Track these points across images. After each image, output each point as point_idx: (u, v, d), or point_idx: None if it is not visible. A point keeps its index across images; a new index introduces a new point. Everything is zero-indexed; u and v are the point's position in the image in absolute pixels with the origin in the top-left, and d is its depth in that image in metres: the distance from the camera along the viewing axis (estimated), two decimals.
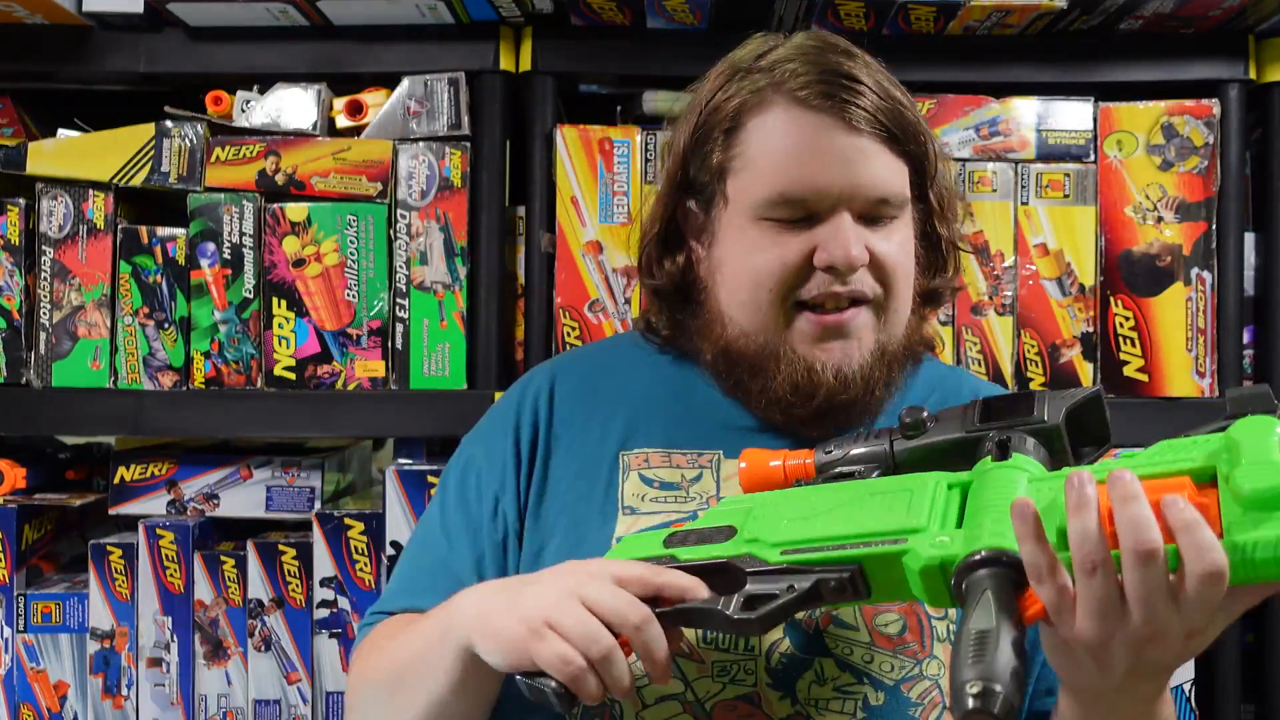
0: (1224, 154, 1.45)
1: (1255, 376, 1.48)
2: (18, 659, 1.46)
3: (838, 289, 1.00)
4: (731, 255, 1.05)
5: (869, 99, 1.01)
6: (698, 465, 1.06)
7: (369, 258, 1.45)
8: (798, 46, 1.05)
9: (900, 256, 1.04)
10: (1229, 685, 1.44)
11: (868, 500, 0.83)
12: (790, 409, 1.03)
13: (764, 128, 1.03)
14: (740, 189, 1.04)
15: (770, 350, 1.03)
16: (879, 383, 1.03)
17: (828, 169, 1.00)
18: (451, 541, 1.09)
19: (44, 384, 1.45)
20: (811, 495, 0.88)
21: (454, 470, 1.14)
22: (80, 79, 1.53)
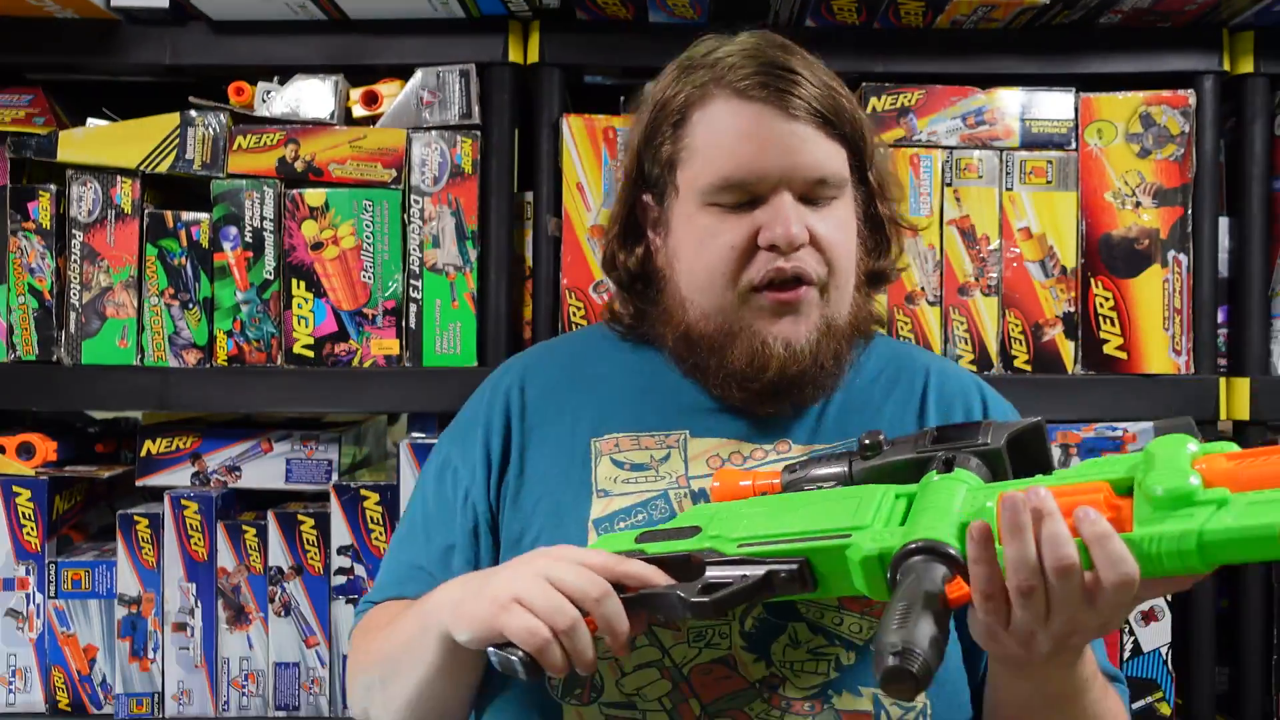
0: (1199, 142, 1.50)
1: (1229, 354, 1.53)
2: (49, 624, 1.51)
3: (782, 264, 1.04)
4: (685, 243, 1.10)
5: (805, 89, 1.06)
6: (665, 445, 1.10)
7: (384, 241, 1.50)
8: (740, 44, 1.11)
9: (840, 236, 1.08)
10: (1204, 649, 1.49)
11: (821, 504, 0.89)
12: (746, 383, 1.07)
13: (707, 119, 1.08)
14: (688, 178, 1.09)
15: (728, 329, 1.08)
16: (827, 357, 1.08)
17: (767, 153, 1.05)
18: (430, 538, 1.14)
19: (74, 361, 1.50)
20: (773, 500, 0.94)
21: (431, 469, 1.19)
22: (108, 70, 1.57)
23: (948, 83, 1.52)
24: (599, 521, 1.07)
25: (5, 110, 1.52)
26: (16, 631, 1.51)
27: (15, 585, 1.50)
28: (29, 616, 1.51)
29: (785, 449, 1.10)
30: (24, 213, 1.50)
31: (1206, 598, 1.49)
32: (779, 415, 1.10)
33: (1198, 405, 1.49)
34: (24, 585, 1.50)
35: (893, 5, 1.45)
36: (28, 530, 1.50)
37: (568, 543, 1.02)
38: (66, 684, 1.51)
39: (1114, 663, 1.47)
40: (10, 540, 1.50)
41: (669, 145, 1.11)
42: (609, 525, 1.06)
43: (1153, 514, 0.72)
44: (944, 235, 1.51)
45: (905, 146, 1.51)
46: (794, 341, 1.06)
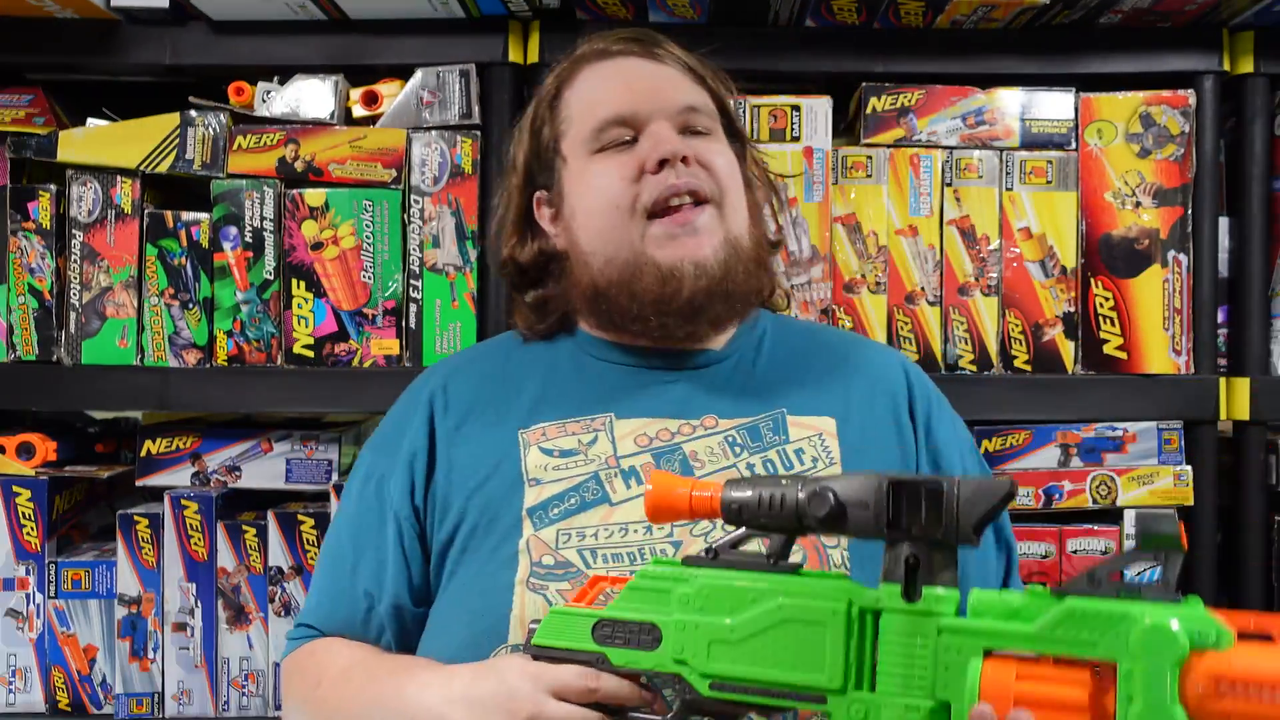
0: (1199, 142, 1.50)
1: (1229, 354, 1.53)
2: (49, 624, 1.51)
3: (674, 181, 1.09)
4: (582, 196, 1.14)
5: (671, 45, 1.17)
6: (592, 429, 1.12)
7: (384, 241, 1.50)
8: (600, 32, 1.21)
9: (723, 160, 1.14)
10: None
11: (783, 634, 0.85)
12: (661, 308, 1.10)
13: (577, 87, 1.17)
14: (571, 141, 1.15)
15: (634, 265, 1.10)
16: (737, 273, 1.11)
17: (635, 89, 1.13)
18: (357, 549, 1.14)
19: (74, 361, 1.50)
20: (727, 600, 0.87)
21: (356, 481, 1.19)
22: (108, 70, 1.57)
23: (948, 83, 1.52)
24: (532, 510, 1.07)
25: (5, 110, 1.53)
26: (16, 631, 1.51)
27: (15, 585, 1.51)
28: (29, 616, 1.51)
29: (713, 424, 1.12)
30: (24, 213, 1.50)
31: (1206, 597, 1.48)
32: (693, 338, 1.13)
33: (1198, 405, 1.49)
34: (24, 585, 1.51)
35: (893, 5, 1.45)
36: (28, 530, 1.50)
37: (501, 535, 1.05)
38: (66, 684, 1.51)
39: None
40: (10, 540, 1.50)
41: (549, 128, 1.17)
42: (543, 512, 1.07)
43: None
44: (944, 235, 1.51)
45: (905, 146, 1.51)
46: (700, 260, 1.09)
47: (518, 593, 1.04)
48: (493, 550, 1.07)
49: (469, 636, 1.04)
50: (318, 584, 1.19)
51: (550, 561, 1.05)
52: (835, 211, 1.51)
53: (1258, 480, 1.50)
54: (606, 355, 1.17)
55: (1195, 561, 1.49)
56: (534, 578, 1.04)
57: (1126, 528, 1.49)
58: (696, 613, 0.88)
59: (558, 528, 1.06)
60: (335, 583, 1.16)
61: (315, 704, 1.09)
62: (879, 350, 1.26)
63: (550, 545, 1.05)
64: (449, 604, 1.09)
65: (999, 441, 1.51)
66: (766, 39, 1.52)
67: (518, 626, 1.02)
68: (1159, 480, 1.49)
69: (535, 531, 1.06)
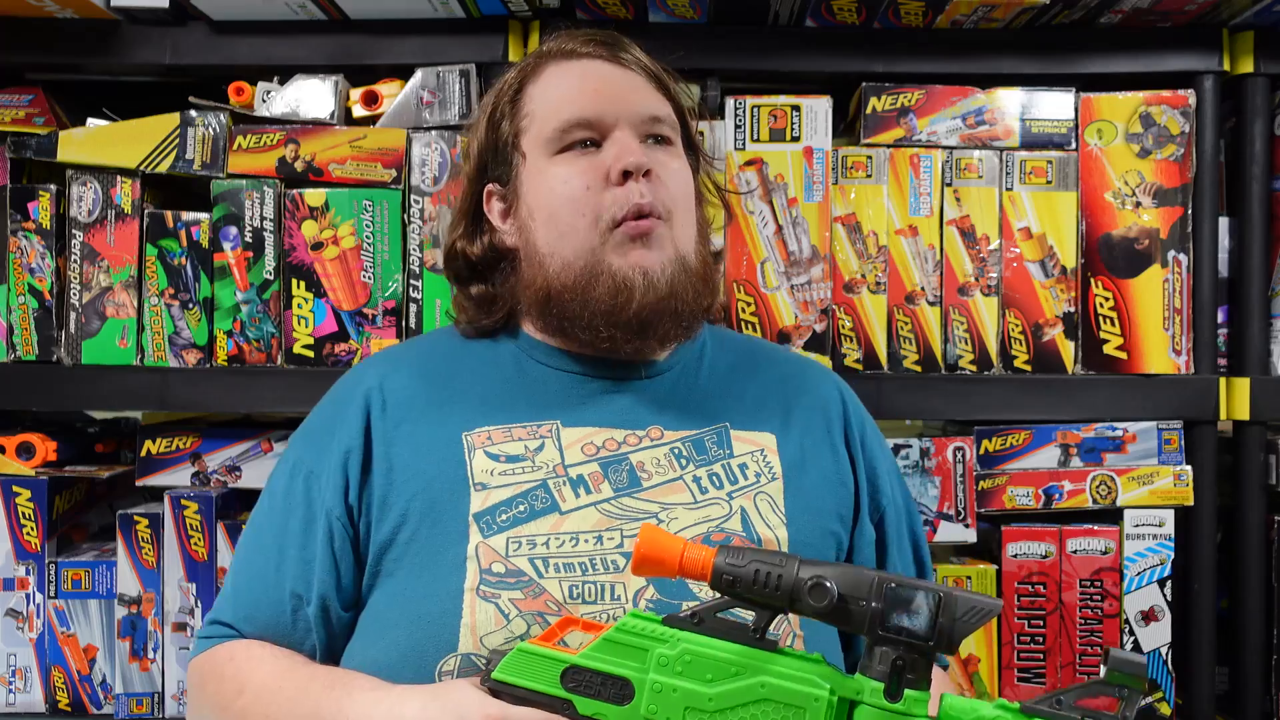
0: (1199, 142, 1.50)
1: (1229, 354, 1.53)
2: (49, 624, 1.51)
3: (639, 201, 1.09)
4: (541, 196, 1.14)
5: (635, 51, 1.17)
6: (538, 435, 1.10)
7: (384, 241, 1.50)
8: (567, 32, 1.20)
9: (681, 175, 1.15)
10: (1203, 649, 1.49)
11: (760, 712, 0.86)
12: (611, 318, 1.09)
13: (542, 83, 1.17)
14: (532, 139, 1.15)
15: (590, 271, 1.10)
16: (685, 292, 1.11)
17: (601, 94, 1.13)
18: (282, 547, 1.11)
19: (74, 361, 1.50)
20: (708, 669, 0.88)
21: (281, 473, 1.15)
22: (108, 70, 1.57)
23: (948, 83, 1.52)
24: (479, 515, 1.06)
25: (5, 110, 1.53)
26: (16, 631, 1.51)
27: (15, 585, 1.51)
28: (29, 616, 1.51)
29: (658, 435, 1.12)
30: (24, 213, 1.50)
31: (1206, 598, 1.49)
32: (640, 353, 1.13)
33: (1198, 405, 1.49)
34: (24, 585, 1.51)
35: (893, 5, 1.45)
36: (28, 530, 1.50)
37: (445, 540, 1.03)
38: (66, 684, 1.51)
39: None
40: (10, 540, 1.50)
41: (509, 122, 1.17)
42: (490, 518, 1.05)
43: None
44: (944, 235, 1.51)
45: (905, 146, 1.52)
46: (650, 269, 1.09)
47: (468, 600, 1.01)
48: (436, 554, 1.04)
49: (412, 642, 1.02)
50: (237, 580, 1.13)
51: (501, 569, 1.03)
52: (835, 211, 1.51)
53: (1258, 480, 1.50)
54: (551, 361, 1.16)
55: (1195, 561, 1.49)
56: (485, 585, 1.02)
57: (1127, 528, 1.49)
58: (675, 677, 0.88)
59: (507, 535, 1.04)
60: (258, 580, 1.11)
61: (235, 715, 1.04)
62: (816, 371, 1.27)
63: (500, 553, 1.03)
64: (387, 607, 1.06)
65: (999, 441, 1.51)
66: (766, 39, 1.52)
67: (468, 635, 1.00)
68: (1159, 480, 1.49)
69: (484, 538, 1.04)
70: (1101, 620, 1.49)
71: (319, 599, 1.08)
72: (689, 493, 1.09)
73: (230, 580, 1.15)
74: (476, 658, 1.00)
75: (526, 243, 1.15)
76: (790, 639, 1.03)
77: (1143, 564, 1.49)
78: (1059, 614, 1.49)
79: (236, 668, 1.08)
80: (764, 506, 1.09)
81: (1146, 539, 1.49)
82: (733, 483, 1.10)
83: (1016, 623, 1.48)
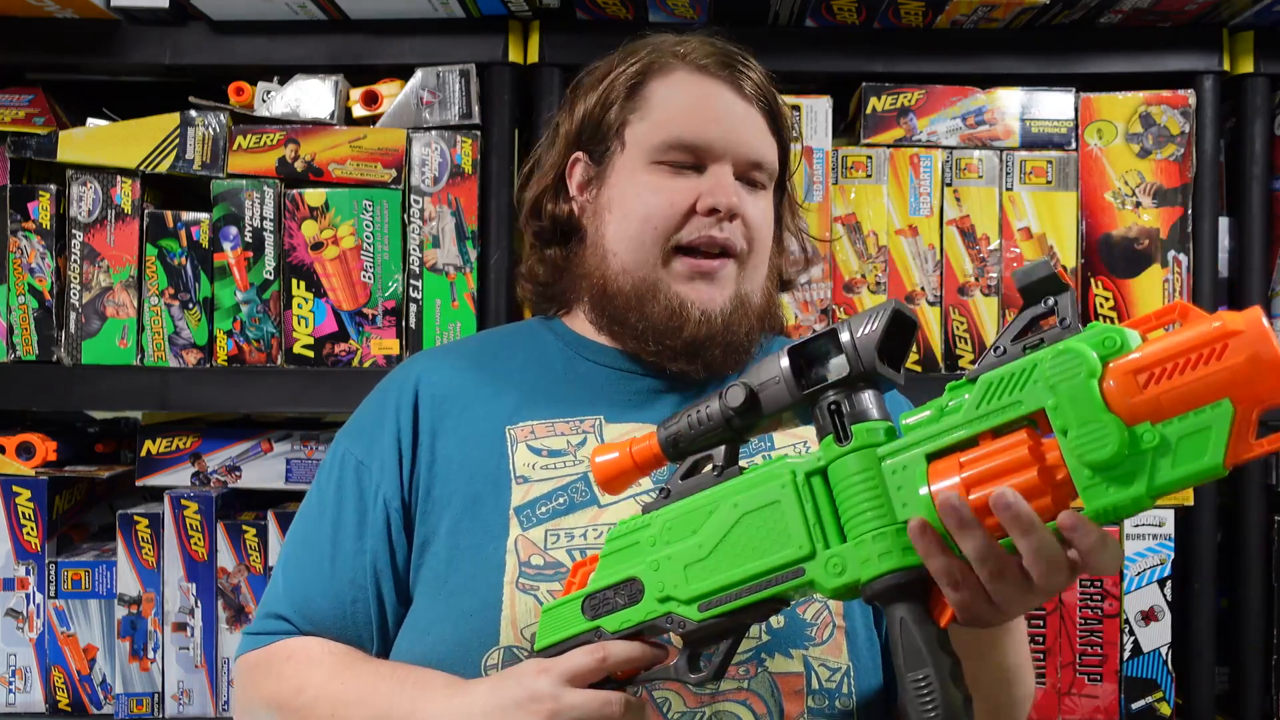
0: (1199, 142, 1.50)
1: None
2: (49, 624, 1.51)
3: (715, 234, 1.10)
4: (624, 195, 1.14)
5: (759, 77, 1.15)
6: (581, 431, 1.10)
7: (384, 241, 1.50)
8: (699, 35, 1.19)
9: (763, 220, 1.15)
10: (1204, 649, 1.50)
11: (747, 527, 0.85)
12: (662, 339, 1.10)
13: (666, 85, 1.15)
14: (637, 136, 1.14)
15: (648, 285, 1.11)
16: (740, 327, 1.12)
17: (719, 123, 1.12)
18: (336, 539, 1.09)
19: (74, 361, 1.50)
20: (689, 523, 0.88)
21: (332, 465, 1.14)
22: (108, 71, 1.57)
23: (948, 83, 1.52)
24: (520, 509, 1.06)
25: (5, 110, 1.53)
26: (16, 631, 1.51)
27: (15, 585, 1.51)
28: (29, 616, 1.51)
29: None
30: (24, 213, 1.50)
31: (1207, 598, 1.49)
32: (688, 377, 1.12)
33: None
34: (24, 585, 1.51)
35: (893, 5, 1.45)
36: (28, 530, 1.50)
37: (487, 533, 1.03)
38: (66, 684, 1.51)
39: (1113, 663, 1.49)
40: (10, 540, 1.50)
41: (619, 107, 1.16)
42: (530, 511, 1.06)
43: (1092, 475, 0.71)
44: (944, 235, 1.51)
45: (905, 146, 1.52)
46: (710, 309, 1.10)
47: (507, 594, 1.02)
48: (478, 547, 1.05)
49: (457, 637, 1.02)
50: (289, 574, 1.11)
51: (540, 562, 1.03)
52: (835, 211, 1.51)
53: (1258, 480, 1.50)
54: (599, 358, 1.16)
55: (1195, 561, 1.49)
56: (523, 578, 1.03)
57: (1126, 527, 1.49)
58: (666, 547, 0.89)
59: (546, 528, 1.05)
60: (313, 572, 1.10)
61: (293, 713, 1.03)
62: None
63: (539, 545, 1.04)
64: (433, 601, 1.06)
65: None
66: (766, 39, 1.52)
67: (509, 628, 1.01)
68: None
69: (523, 531, 1.05)
70: (1101, 620, 1.49)
71: (375, 590, 1.08)
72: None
73: (281, 574, 1.13)
74: (519, 650, 1.01)
75: (595, 229, 1.16)
76: (830, 630, 1.03)
77: (1143, 564, 1.49)
78: (1059, 614, 1.49)
79: (295, 667, 1.06)
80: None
81: (1146, 539, 1.49)
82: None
83: None
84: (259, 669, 1.09)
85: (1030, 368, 0.74)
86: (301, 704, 1.03)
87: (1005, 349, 0.77)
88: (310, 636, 1.09)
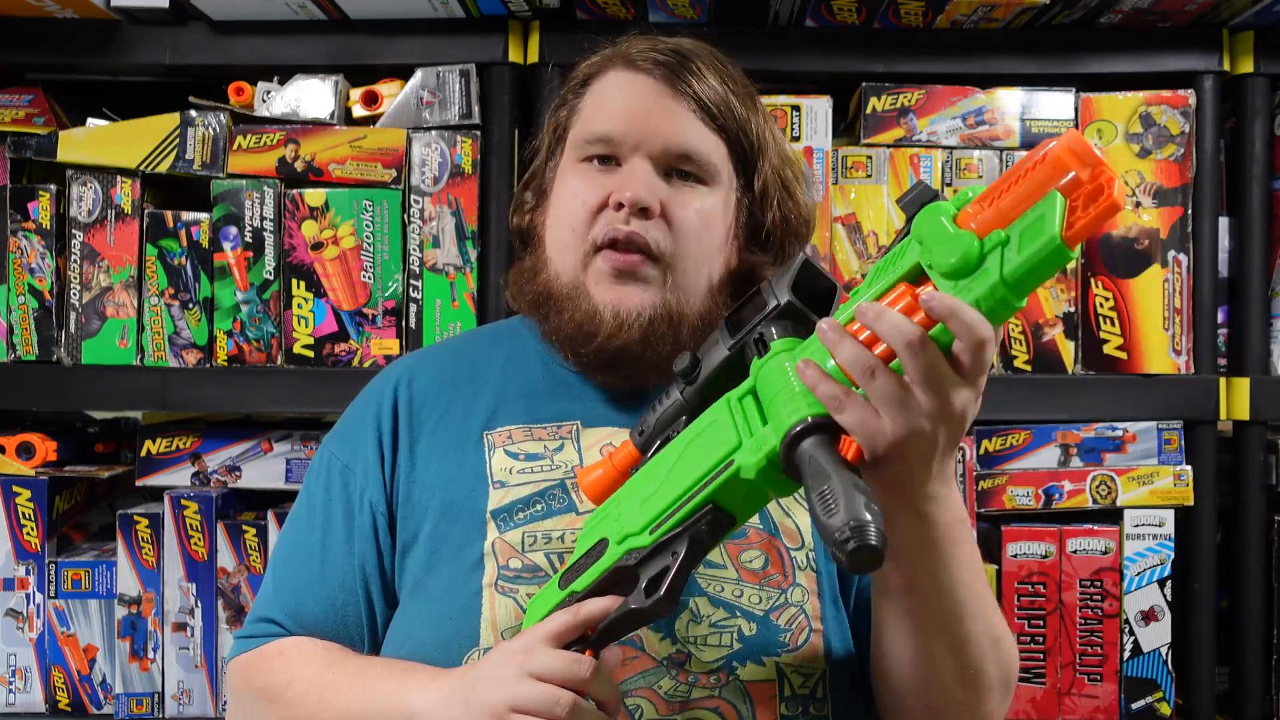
0: (1199, 142, 1.51)
1: (1229, 354, 1.53)
2: (49, 624, 1.51)
3: (621, 227, 1.05)
4: (556, 198, 1.13)
5: (699, 80, 1.10)
6: (558, 436, 1.09)
7: (384, 241, 1.50)
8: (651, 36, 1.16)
9: (694, 221, 1.08)
10: (1204, 649, 1.50)
11: (690, 451, 0.88)
12: (576, 347, 1.08)
13: (599, 85, 1.14)
14: (572, 137, 1.13)
15: (571, 289, 1.08)
16: (663, 342, 1.06)
17: (636, 115, 1.08)
18: (326, 542, 1.10)
19: (74, 361, 1.50)
20: (648, 472, 0.91)
21: (319, 470, 1.14)
22: (108, 70, 1.57)
23: (948, 83, 1.52)
24: (496, 513, 1.05)
25: (5, 110, 1.53)
26: (16, 631, 1.51)
27: (15, 585, 1.51)
28: (29, 616, 1.51)
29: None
30: (24, 213, 1.50)
31: (1207, 598, 1.49)
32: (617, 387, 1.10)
33: (1198, 405, 1.49)
34: (24, 585, 1.51)
35: (893, 5, 1.45)
36: (28, 530, 1.50)
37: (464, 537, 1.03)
38: (66, 684, 1.51)
39: (1113, 663, 1.49)
40: (10, 540, 1.50)
41: (565, 111, 1.16)
42: (507, 516, 1.05)
43: (956, 285, 0.76)
44: None
45: (905, 146, 1.52)
46: (622, 310, 1.05)
47: (486, 596, 1.02)
48: (456, 551, 1.05)
49: (437, 640, 1.02)
50: (279, 577, 1.12)
51: (518, 565, 1.03)
52: (835, 211, 1.51)
53: (1258, 480, 1.50)
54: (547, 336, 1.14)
55: (1195, 561, 1.50)
56: (502, 580, 1.02)
57: (1127, 528, 1.49)
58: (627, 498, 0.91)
59: (524, 530, 1.04)
60: (303, 576, 1.10)
61: (287, 703, 1.04)
62: None
63: (517, 548, 1.04)
64: (414, 605, 1.06)
65: (999, 441, 1.51)
66: (766, 39, 1.52)
67: (489, 629, 1.01)
68: (1159, 480, 1.49)
69: (500, 534, 1.04)
70: (1101, 620, 1.49)
71: (364, 593, 1.08)
72: None
73: (271, 577, 1.14)
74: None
75: (542, 237, 1.15)
76: (806, 633, 1.02)
77: (1143, 564, 1.49)
78: (1059, 614, 1.49)
79: (287, 661, 1.07)
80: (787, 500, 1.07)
81: (1146, 539, 1.49)
82: None
83: (1017, 623, 1.48)
84: (250, 667, 1.09)
85: (906, 244, 0.80)
86: (293, 695, 1.04)
87: (889, 248, 0.84)
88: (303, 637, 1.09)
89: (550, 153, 1.17)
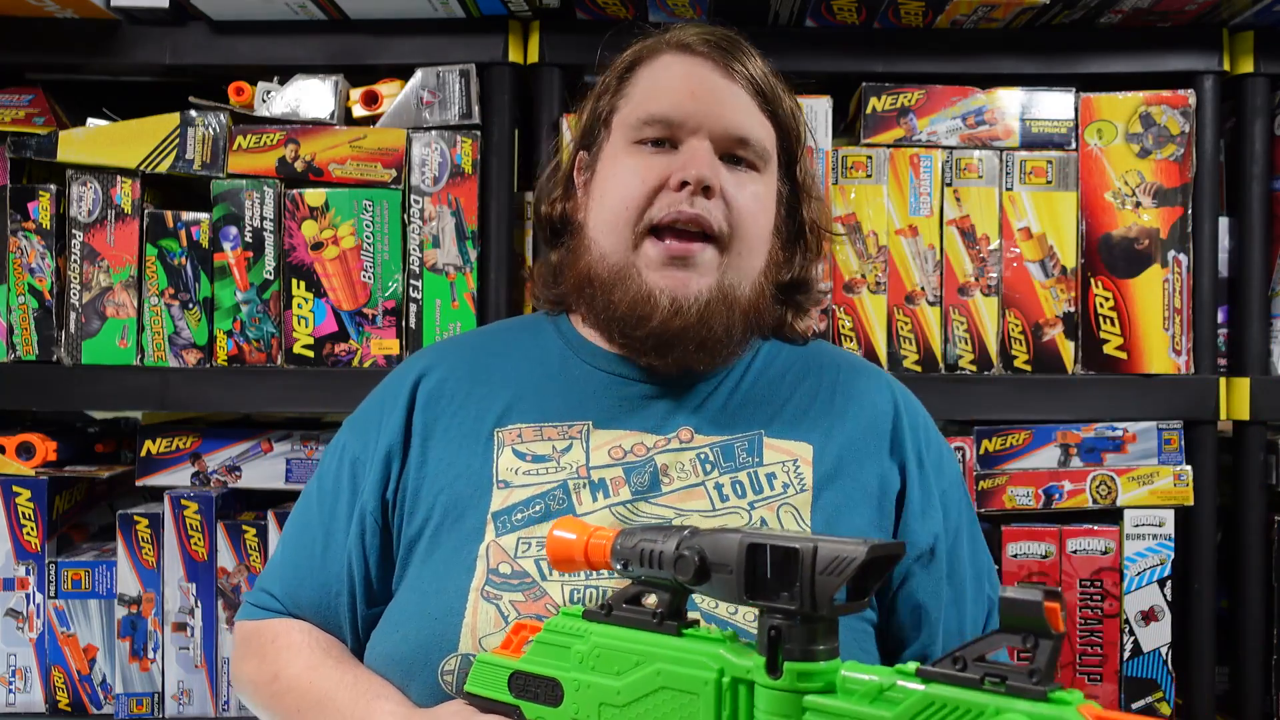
0: (1199, 142, 1.50)
1: (1229, 354, 1.53)
2: (49, 624, 1.51)
3: (684, 208, 1.05)
4: (604, 180, 1.13)
5: (749, 63, 1.12)
6: (568, 436, 1.09)
7: (384, 241, 1.50)
8: (701, 24, 1.17)
9: (751, 204, 1.09)
10: (1204, 649, 1.49)
11: (661, 703, 0.81)
12: (628, 329, 1.08)
13: (650, 69, 1.14)
14: (620, 119, 1.13)
15: (621, 270, 1.08)
16: (718, 322, 1.07)
17: (695, 98, 1.09)
18: (329, 530, 1.12)
19: (74, 361, 1.50)
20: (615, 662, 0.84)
21: (333, 455, 1.17)
22: (108, 70, 1.57)
23: (948, 83, 1.52)
24: (498, 514, 1.06)
25: (5, 110, 1.53)
26: (16, 631, 1.51)
27: (15, 585, 1.51)
28: (29, 616, 1.51)
29: (688, 437, 1.09)
30: (24, 213, 1.50)
31: (1207, 598, 1.49)
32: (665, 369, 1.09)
33: (1198, 405, 1.49)
34: (24, 585, 1.51)
35: (893, 5, 1.45)
36: (28, 530, 1.50)
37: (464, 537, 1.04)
38: (66, 684, 1.51)
39: (1113, 663, 1.48)
40: (10, 540, 1.50)
41: (610, 97, 1.15)
42: (507, 517, 1.05)
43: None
44: (944, 235, 1.51)
45: (905, 146, 1.52)
46: (680, 296, 1.06)
47: (472, 600, 1.02)
48: (454, 551, 1.05)
49: (420, 640, 1.02)
50: (286, 556, 1.16)
51: (507, 570, 1.03)
52: (835, 211, 1.51)
53: (1258, 480, 1.50)
54: (595, 361, 1.15)
55: (1195, 561, 1.49)
56: (489, 586, 1.02)
57: (1127, 528, 1.49)
58: (590, 673, 0.85)
59: (518, 535, 1.04)
60: (305, 559, 1.13)
61: (270, 699, 1.09)
62: (872, 379, 1.18)
63: (509, 553, 1.03)
64: (405, 602, 1.07)
65: (999, 441, 1.51)
66: (766, 39, 1.50)
67: (469, 635, 1.00)
68: (1159, 480, 1.49)
69: (496, 537, 1.04)
70: (1101, 620, 1.49)
71: (349, 592, 1.11)
72: (708, 500, 1.06)
73: (280, 551, 1.18)
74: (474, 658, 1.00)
75: (587, 220, 1.15)
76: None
77: (1143, 564, 1.49)
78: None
79: (277, 651, 1.11)
80: (787, 519, 1.06)
81: (1146, 539, 1.49)
82: (756, 492, 1.06)
83: None
84: (248, 644, 1.14)
85: (977, 713, 0.67)
86: (274, 691, 1.08)
87: (966, 664, 0.69)
88: (296, 620, 1.13)
89: (589, 140, 1.17)
